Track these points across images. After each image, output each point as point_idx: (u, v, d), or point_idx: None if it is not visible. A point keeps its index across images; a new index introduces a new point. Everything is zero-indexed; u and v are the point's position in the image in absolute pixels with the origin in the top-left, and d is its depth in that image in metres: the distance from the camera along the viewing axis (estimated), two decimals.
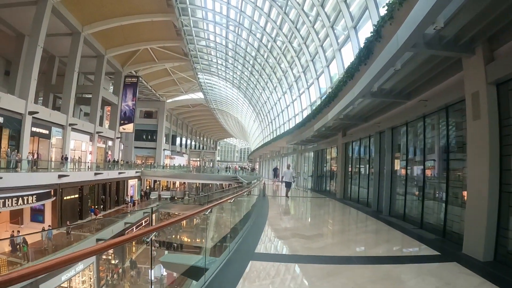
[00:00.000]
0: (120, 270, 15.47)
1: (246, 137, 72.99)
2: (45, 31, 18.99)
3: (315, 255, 4.92)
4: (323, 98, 14.97)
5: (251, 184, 13.87)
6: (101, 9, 22.91)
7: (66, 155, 21.70)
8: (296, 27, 19.42)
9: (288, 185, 13.30)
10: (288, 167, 14.18)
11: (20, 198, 15.66)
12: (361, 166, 12.39)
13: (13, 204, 15.27)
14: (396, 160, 9.27)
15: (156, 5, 24.10)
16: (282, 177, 13.42)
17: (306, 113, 20.21)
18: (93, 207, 24.36)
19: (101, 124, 33.88)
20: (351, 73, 8.34)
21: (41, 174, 17.82)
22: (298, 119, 22.14)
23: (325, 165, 18.50)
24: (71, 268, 14.22)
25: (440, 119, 6.89)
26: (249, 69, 31.85)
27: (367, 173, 11.35)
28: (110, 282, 15.30)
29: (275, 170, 29.81)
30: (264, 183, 16.31)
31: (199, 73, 38.97)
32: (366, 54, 7.07)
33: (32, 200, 16.42)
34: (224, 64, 35.20)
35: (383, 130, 9.71)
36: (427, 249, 5.45)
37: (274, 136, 31.54)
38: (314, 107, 16.77)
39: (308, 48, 19.27)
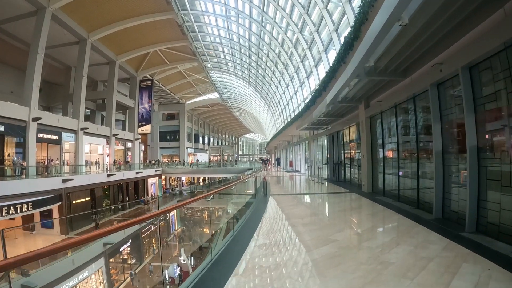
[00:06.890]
0: None
1: (263, 131, 68.45)
2: (45, 38, 16.65)
3: None
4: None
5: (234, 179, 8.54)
6: (103, 14, 20.10)
7: (51, 159, 18.24)
8: None
9: None
10: None
11: (12, 207, 12.49)
12: (400, 145, 7.43)
13: (4, 214, 12.11)
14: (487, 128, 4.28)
15: (156, 4, 20.75)
16: None
17: None
18: (142, 198, 24.12)
19: (124, 127, 30.98)
20: None
21: (41, 180, 14.63)
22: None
23: (342, 150, 13.78)
24: (78, 273, 11.02)
25: None
26: (256, 60, 27.40)
27: (414, 155, 6.48)
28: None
29: (278, 160, 30.03)
30: (265, 178, 9.99)
31: (210, 72, 34.96)
32: None
33: (27, 208, 13.21)
34: (231, 59, 30.88)
35: (451, 75, 4.80)
36: None
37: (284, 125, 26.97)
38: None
39: (311, 17, 14.50)
